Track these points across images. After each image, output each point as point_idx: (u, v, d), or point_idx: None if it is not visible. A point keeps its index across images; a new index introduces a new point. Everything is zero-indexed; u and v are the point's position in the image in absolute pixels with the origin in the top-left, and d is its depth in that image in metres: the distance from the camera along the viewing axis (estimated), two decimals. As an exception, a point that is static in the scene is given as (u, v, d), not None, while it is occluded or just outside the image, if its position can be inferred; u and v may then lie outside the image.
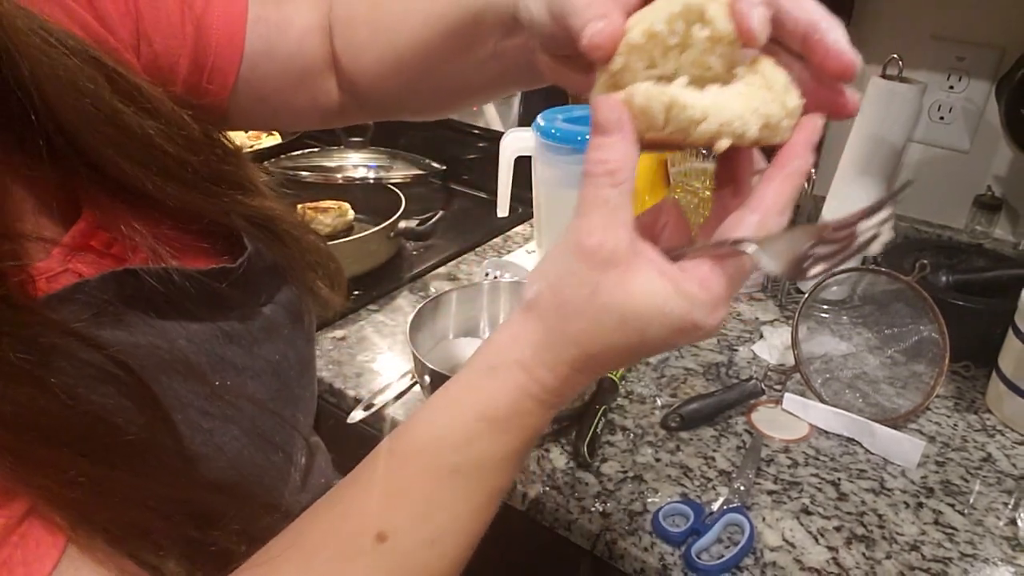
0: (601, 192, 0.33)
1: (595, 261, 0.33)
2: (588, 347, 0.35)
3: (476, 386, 0.36)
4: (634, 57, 0.33)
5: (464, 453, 0.36)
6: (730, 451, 0.77)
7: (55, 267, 0.39)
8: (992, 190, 1.03)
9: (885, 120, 0.95)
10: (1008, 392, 0.82)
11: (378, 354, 0.91)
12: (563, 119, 1.01)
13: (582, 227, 0.33)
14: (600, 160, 0.33)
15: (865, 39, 1.06)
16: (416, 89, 0.52)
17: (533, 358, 0.35)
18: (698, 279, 0.34)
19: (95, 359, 0.36)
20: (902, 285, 0.85)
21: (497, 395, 0.36)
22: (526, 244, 1.18)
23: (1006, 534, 0.69)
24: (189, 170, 0.44)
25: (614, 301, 0.33)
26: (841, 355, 0.90)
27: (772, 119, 0.32)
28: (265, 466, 0.47)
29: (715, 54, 0.32)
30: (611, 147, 0.33)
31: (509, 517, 0.75)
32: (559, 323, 0.35)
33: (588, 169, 0.34)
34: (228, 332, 0.46)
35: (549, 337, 0.35)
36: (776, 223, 0.34)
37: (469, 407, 0.36)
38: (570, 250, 0.34)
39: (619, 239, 0.33)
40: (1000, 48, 0.97)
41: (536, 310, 0.35)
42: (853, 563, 0.65)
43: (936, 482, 0.75)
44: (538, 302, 0.35)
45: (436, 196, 1.34)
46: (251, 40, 0.50)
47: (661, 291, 0.33)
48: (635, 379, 0.88)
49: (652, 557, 0.65)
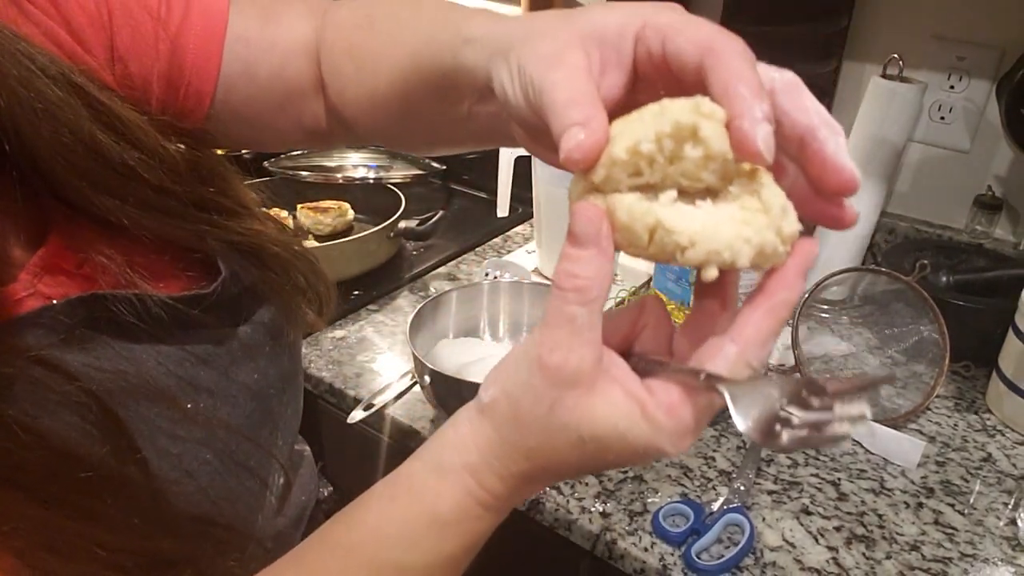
0: (568, 308, 0.31)
1: (556, 379, 0.31)
2: (541, 462, 0.33)
3: (423, 484, 0.35)
4: (617, 169, 0.29)
5: (407, 551, 0.35)
6: (730, 451, 0.77)
7: (20, 291, 0.38)
8: (992, 190, 1.03)
9: (885, 120, 0.95)
10: (1008, 392, 0.81)
11: (378, 354, 0.91)
12: (563, 119, 1.00)
13: (544, 341, 0.31)
14: (571, 274, 0.30)
15: (865, 39, 1.06)
16: (398, 131, 0.50)
17: (482, 465, 0.34)
18: (666, 406, 0.31)
19: (59, 386, 0.35)
20: (902, 285, 0.85)
21: (444, 496, 0.34)
22: (526, 244, 1.18)
23: (1006, 534, 0.69)
24: (171, 199, 0.43)
25: (573, 421, 0.31)
26: (841, 355, 0.90)
27: (766, 248, 0.29)
28: (239, 491, 0.45)
29: (708, 170, 0.29)
30: (585, 262, 0.30)
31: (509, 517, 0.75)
32: (513, 435, 0.33)
33: (557, 281, 0.31)
34: (200, 355, 0.44)
35: (502, 447, 0.34)
36: (756, 356, 0.31)
37: (415, 505, 0.35)
38: (531, 362, 0.32)
39: (583, 359, 0.31)
40: (1000, 48, 0.97)
41: (491, 416, 0.34)
42: (853, 563, 0.65)
43: (936, 482, 0.75)
44: (494, 408, 0.34)
45: (436, 196, 1.34)
46: (228, 61, 0.48)
47: (625, 416, 0.31)
48: (635, 379, 0.88)
49: (652, 557, 0.65)
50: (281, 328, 0.51)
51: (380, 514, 0.36)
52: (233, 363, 0.47)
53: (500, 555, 0.86)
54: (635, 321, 0.36)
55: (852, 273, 0.91)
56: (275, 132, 0.53)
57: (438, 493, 0.34)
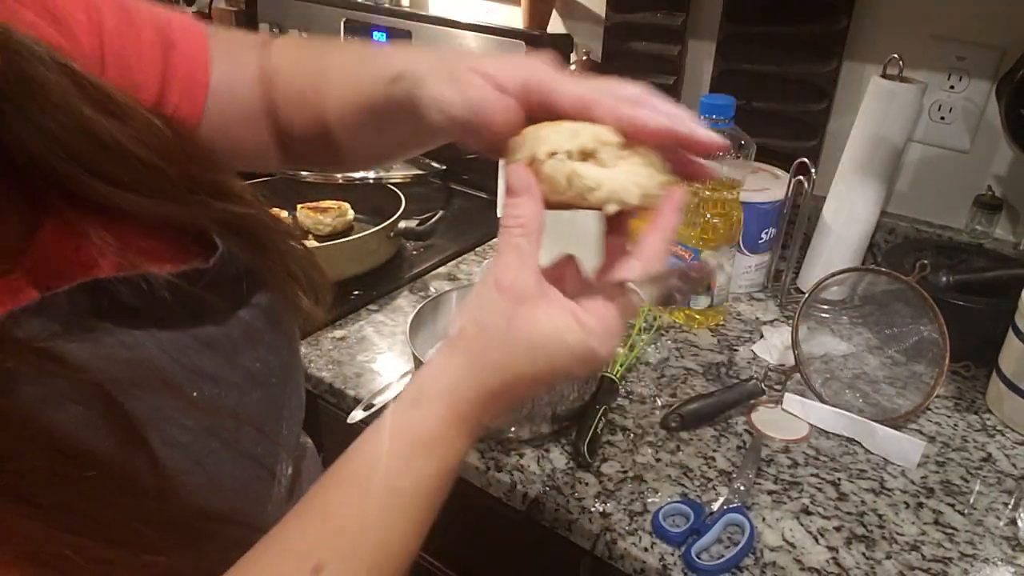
0: (514, 240, 0.40)
1: (510, 295, 0.39)
2: (504, 375, 0.39)
3: (404, 416, 0.40)
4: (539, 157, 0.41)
5: (396, 476, 0.39)
6: (730, 451, 0.77)
7: (18, 281, 0.38)
8: (992, 190, 1.03)
9: (885, 120, 0.95)
10: (1008, 392, 0.82)
11: (378, 354, 0.91)
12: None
13: (498, 267, 0.40)
14: (514, 215, 0.40)
15: (865, 39, 1.06)
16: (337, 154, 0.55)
17: (455, 387, 0.40)
18: (594, 312, 0.40)
19: (63, 378, 0.35)
20: (902, 285, 0.85)
21: (424, 420, 0.39)
22: (526, 244, 1.18)
23: (1006, 534, 0.69)
24: (163, 179, 0.43)
25: (525, 331, 0.39)
26: (841, 355, 0.90)
27: (649, 191, 0.41)
28: (247, 481, 0.45)
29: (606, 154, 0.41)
30: (522, 205, 0.41)
31: (509, 517, 0.75)
32: (479, 354, 0.40)
33: (504, 222, 0.40)
34: (205, 340, 0.44)
35: (470, 369, 0.40)
36: (654, 267, 0.42)
37: (399, 434, 0.39)
38: (488, 288, 0.40)
39: (528, 278, 0.39)
40: (1000, 48, 0.97)
41: (460, 343, 0.40)
42: (853, 563, 0.65)
43: (936, 482, 0.75)
44: (462, 335, 0.40)
45: (436, 196, 1.34)
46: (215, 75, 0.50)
47: (563, 324, 0.39)
48: (635, 379, 0.88)
49: (652, 557, 0.65)
50: (280, 315, 0.51)
51: (369, 446, 0.40)
52: (235, 349, 0.46)
53: (500, 555, 0.86)
54: (561, 274, 0.45)
55: (852, 273, 0.91)
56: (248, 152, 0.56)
57: (419, 419, 0.39)
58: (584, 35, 1.31)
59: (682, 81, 1.24)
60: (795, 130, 1.13)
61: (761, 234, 1.03)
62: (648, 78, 1.23)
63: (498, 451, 0.76)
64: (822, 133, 1.12)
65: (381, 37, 1.40)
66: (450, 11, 1.42)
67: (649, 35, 1.23)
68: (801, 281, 1.07)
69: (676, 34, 1.20)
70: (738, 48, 1.15)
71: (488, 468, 0.74)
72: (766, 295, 1.07)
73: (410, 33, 1.36)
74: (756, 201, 1.00)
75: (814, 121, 1.12)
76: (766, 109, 1.14)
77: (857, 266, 1.00)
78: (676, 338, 0.96)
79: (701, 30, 1.19)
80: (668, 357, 0.92)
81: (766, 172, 1.07)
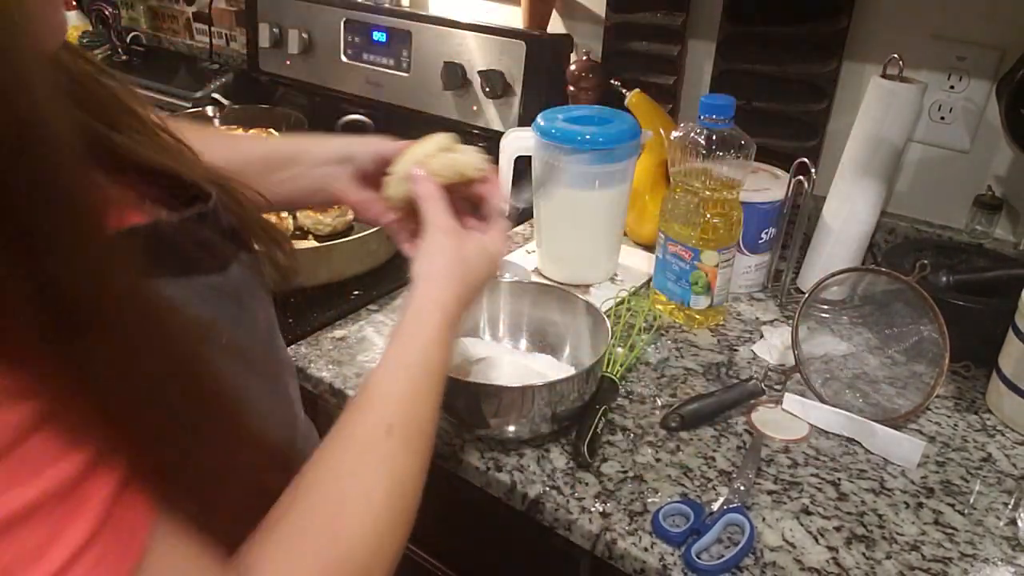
0: (437, 206, 0.60)
1: (452, 235, 0.59)
2: (465, 283, 0.58)
3: (416, 327, 0.54)
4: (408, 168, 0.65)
5: (427, 362, 0.53)
6: (730, 451, 0.77)
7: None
8: (992, 190, 1.03)
9: (885, 120, 0.95)
10: (1008, 392, 0.82)
11: (378, 354, 0.91)
12: (563, 119, 1.01)
13: (435, 220, 0.59)
14: (427, 189, 0.61)
15: (865, 39, 1.06)
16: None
17: (440, 301, 0.55)
18: (492, 236, 0.62)
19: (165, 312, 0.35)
20: (902, 285, 0.85)
21: (431, 329, 0.54)
22: (526, 244, 1.18)
23: (1006, 534, 0.69)
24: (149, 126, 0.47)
25: (468, 252, 0.59)
26: (841, 355, 0.90)
27: (481, 167, 0.65)
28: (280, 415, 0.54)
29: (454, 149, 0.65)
30: (428, 183, 0.62)
31: (509, 517, 0.75)
32: (448, 275, 0.57)
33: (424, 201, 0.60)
34: (215, 286, 0.47)
35: (446, 288, 0.56)
36: (506, 200, 0.66)
37: (419, 336, 0.54)
38: (435, 233, 0.59)
39: (452, 221, 0.60)
40: (1000, 48, 0.97)
41: (432, 273, 0.57)
42: (853, 563, 0.65)
43: (936, 482, 0.75)
44: (431, 271, 0.57)
45: (436, 196, 1.34)
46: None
47: (483, 244, 0.61)
48: (635, 379, 0.88)
49: (652, 557, 0.65)
50: (261, 272, 0.55)
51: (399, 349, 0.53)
52: (240, 297, 0.49)
53: (500, 555, 0.86)
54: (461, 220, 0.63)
55: (852, 273, 0.91)
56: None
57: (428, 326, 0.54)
58: (584, 35, 1.31)
59: (682, 81, 1.24)
60: (795, 130, 1.13)
61: (761, 234, 1.03)
62: (648, 78, 1.23)
63: (498, 451, 0.76)
64: (822, 133, 1.12)
65: (381, 37, 1.41)
66: (450, 11, 1.42)
67: (649, 35, 1.23)
68: (801, 281, 1.07)
69: (676, 34, 1.20)
70: (738, 48, 1.15)
71: (488, 468, 0.74)
72: (766, 295, 1.07)
73: (410, 33, 1.36)
74: (756, 201, 1.00)
75: (814, 121, 1.12)
76: (766, 109, 1.14)
77: (857, 266, 1.00)
78: (676, 338, 0.96)
79: (701, 30, 1.19)
80: (668, 357, 0.92)
81: (766, 172, 1.08)
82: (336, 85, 1.50)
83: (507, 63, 1.26)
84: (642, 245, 1.17)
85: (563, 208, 1.04)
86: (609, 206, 1.04)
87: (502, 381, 0.76)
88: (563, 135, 0.98)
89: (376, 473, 0.46)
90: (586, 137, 0.97)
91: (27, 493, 0.28)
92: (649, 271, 1.06)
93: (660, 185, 1.13)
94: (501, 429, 0.75)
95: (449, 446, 0.77)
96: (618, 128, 0.99)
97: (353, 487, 0.45)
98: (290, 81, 1.58)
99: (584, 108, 1.06)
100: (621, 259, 1.11)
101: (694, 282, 0.95)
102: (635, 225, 1.15)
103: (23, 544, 0.28)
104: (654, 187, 1.13)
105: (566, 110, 1.04)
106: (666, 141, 1.04)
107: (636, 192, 1.10)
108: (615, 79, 1.17)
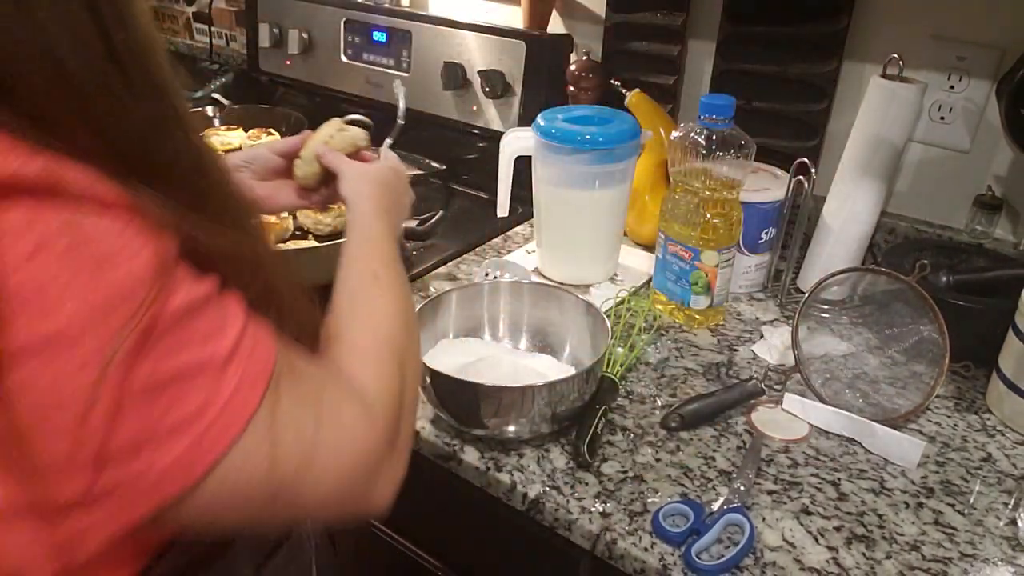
0: (346, 160, 0.76)
1: (363, 167, 0.75)
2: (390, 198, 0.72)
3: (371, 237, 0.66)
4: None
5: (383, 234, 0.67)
6: (730, 451, 0.77)
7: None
8: (992, 190, 1.03)
9: (885, 120, 0.95)
10: (1008, 392, 0.82)
11: (378, 354, 0.91)
12: (563, 119, 1.01)
13: (349, 166, 0.74)
14: (335, 157, 0.76)
15: (865, 39, 1.06)
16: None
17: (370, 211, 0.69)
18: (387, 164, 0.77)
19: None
20: (902, 285, 0.85)
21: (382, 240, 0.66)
22: (526, 244, 1.18)
23: (1006, 534, 0.69)
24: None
25: (376, 172, 0.74)
26: (841, 355, 0.90)
27: (367, 137, 0.80)
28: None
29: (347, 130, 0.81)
30: (333, 154, 0.76)
31: (509, 517, 0.75)
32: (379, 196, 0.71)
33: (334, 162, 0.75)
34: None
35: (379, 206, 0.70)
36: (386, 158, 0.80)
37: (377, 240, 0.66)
38: (352, 170, 0.74)
39: (362, 165, 0.76)
40: (1000, 48, 0.97)
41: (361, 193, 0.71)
42: (853, 563, 0.65)
43: (936, 482, 0.75)
44: (360, 189, 0.71)
45: (436, 196, 1.34)
46: None
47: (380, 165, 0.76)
48: (635, 379, 0.88)
49: (652, 557, 0.65)
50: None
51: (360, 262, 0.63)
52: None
53: (500, 555, 0.86)
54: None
55: (852, 273, 0.91)
56: None
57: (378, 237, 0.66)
58: (584, 35, 1.31)
59: (682, 81, 1.24)
60: (795, 130, 1.13)
61: (761, 234, 1.03)
62: (648, 78, 1.23)
63: (498, 451, 0.76)
64: (822, 133, 1.12)
65: (381, 37, 1.41)
66: (450, 11, 1.42)
67: (649, 35, 1.23)
68: (801, 281, 1.07)
69: (676, 34, 1.20)
70: (738, 48, 1.15)
71: (488, 468, 0.74)
72: (766, 295, 1.07)
73: (410, 33, 1.36)
74: (756, 201, 1.00)
75: (814, 121, 1.12)
76: (766, 109, 1.14)
77: (857, 266, 1.00)
78: (676, 338, 0.96)
79: (701, 30, 1.19)
80: (668, 357, 0.92)
81: (766, 172, 1.08)
82: (336, 85, 1.50)
83: (507, 63, 1.26)
84: (642, 245, 1.17)
85: (563, 208, 1.04)
86: (609, 206, 1.04)
87: (502, 381, 0.76)
88: (563, 135, 0.98)
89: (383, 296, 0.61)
90: (586, 137, 0.97)
91: (197, 289, 0.39)
92: (649, 271, 1.06)
93: (660, 185, 1.13)
94: (501, 429, 0.75)
95: (449, 446, 0.77)
96: (618, 128, 0.99)
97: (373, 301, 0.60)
98: (290, 81, 1.58)
99: (584, 108, 1.06)
100: (621, 259, 1.11)
101: (694, 282, 0.95)
102: (635, 225, 1.15)
103: (209, 320, 0.39)
104: (654, 187, 1.13)
105: (566, 110, 1.04)
106: (666, 141, 1.04)
107: (636, 192, 1.10)
108: (615, 79, 1.17)
